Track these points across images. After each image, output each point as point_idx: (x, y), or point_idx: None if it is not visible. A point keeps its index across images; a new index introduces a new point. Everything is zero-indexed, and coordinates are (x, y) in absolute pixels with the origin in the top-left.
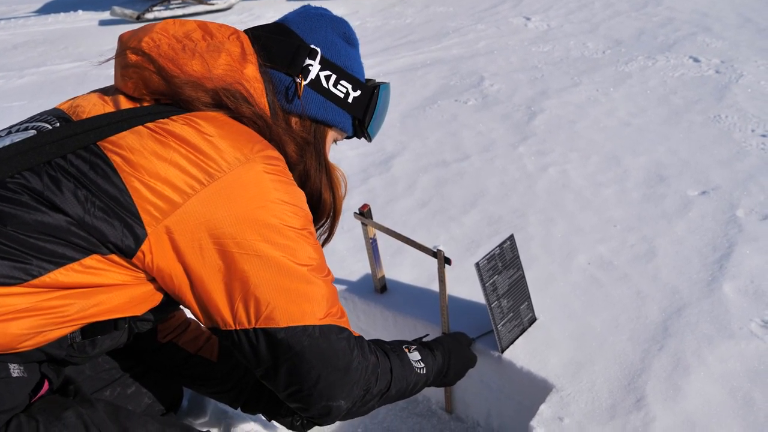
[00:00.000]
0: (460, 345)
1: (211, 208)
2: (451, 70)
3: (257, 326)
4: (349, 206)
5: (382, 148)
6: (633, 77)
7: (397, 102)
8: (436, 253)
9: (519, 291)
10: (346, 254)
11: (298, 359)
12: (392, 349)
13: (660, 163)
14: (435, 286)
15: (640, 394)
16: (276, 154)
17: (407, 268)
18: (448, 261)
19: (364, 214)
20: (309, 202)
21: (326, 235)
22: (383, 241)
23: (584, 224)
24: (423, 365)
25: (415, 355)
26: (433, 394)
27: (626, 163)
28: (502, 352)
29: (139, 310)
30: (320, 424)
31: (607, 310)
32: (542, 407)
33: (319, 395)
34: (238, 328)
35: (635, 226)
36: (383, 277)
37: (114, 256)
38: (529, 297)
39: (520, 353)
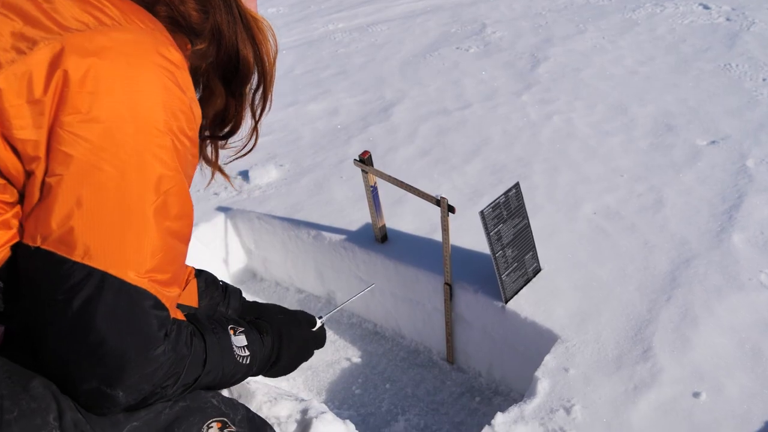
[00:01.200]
0: (297, 327)
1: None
2: (451, 17)
3: (42, 246)
4: (348, 155)
5: (381, 96)
6: (640, 24)
7: (396, 50)
8: (439, 201)
9: (524, 240)
10: (345, 203)
11: (81, 313)
12: (214, 331)
13: (668, 112)
14: (437, 236)
15: (647, 345)
16: (166, 50)
17: (408, 218)
18: (451, 209)
19: (364, 161)
20: (227, 64)
21: (261, 104)
22: (384, 190)
23: (590, 173)
24: (248, 353)
25: (240, 339)
26: (435, 344)
27: (633, 112)
28: (506, 302)
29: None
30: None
31: (613, 260)
32: (547, 358)
33: (92, 372)
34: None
35: (643, 176)
36: (384, 226)
37: None
38: (534, 247)
39: (525, 304)
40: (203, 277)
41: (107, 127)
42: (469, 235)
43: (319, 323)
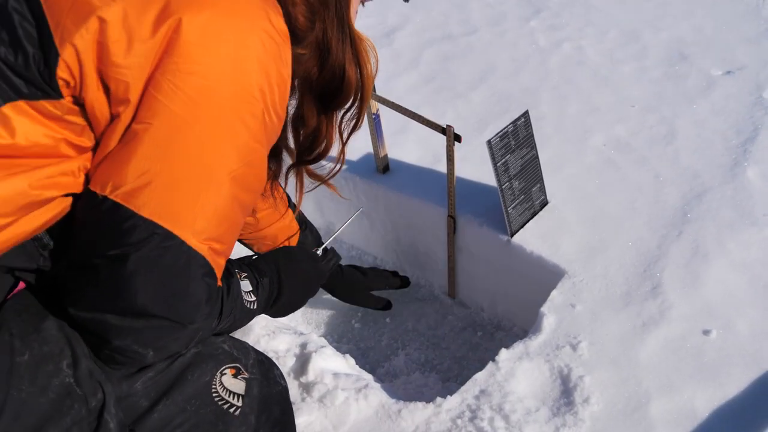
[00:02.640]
0: (296, 263)
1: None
2: None
3: (110, 196)
4: None
5: (383, 20)
6: None
7: None
8: (444, 129)
9: (531, 172)
10: None
11: (134, 272)
12: (229, 284)
13: (682, 40)
14: (441, 167)
15: (656, 282)
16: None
17: (411, 147)
18: (458, 138)
19: None
20: (330, 83)
21: (354, 121)
22: (386, 118)
23: (600, 103)
24: (254, 298)
25: (246, 285)
26: (436, 278)
27: (646, 40)
28: (512, 236)
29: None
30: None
31: (623, 193)
32: (553, 293)
33: (128, 332)
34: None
35: (654, 107)
36: (386, 156)
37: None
38: (542, 179)
39: (531, 237)
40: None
41: (208, 85)
42: (475, 166)
43: (320, 251)
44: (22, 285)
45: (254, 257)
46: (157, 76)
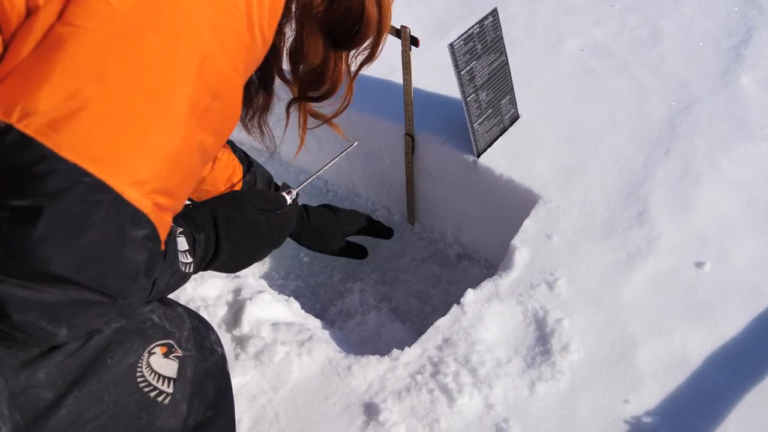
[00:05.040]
0: (241, 215)
1: None
2: None
3: (18, 125)
4: None
5: None
6: None
7: None
8: (398, 31)
9: (500, 82)
10: None
11: (46, 229)
12: (166, 244)
13: None
14: (396, 77)
15: (642, 207)
16: None
17: None
18: (414, 41)
19: None
20: (345, 19)
21: (367, 54)
22: None
23: (575, 3)
24: (190, 259)
25: (182, 242)
26: (394, 203)
27: None
28: (479, 156)
29: None
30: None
31: (602, 105)
32: (526, 222)
33: (33, 304)
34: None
35: (636, 6)
36: None
37: None
38: (512, 90)
39: (500, 158)
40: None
41: None
42: (435, 75)
43: (289, 200)
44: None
45: (190, 206)
46: None
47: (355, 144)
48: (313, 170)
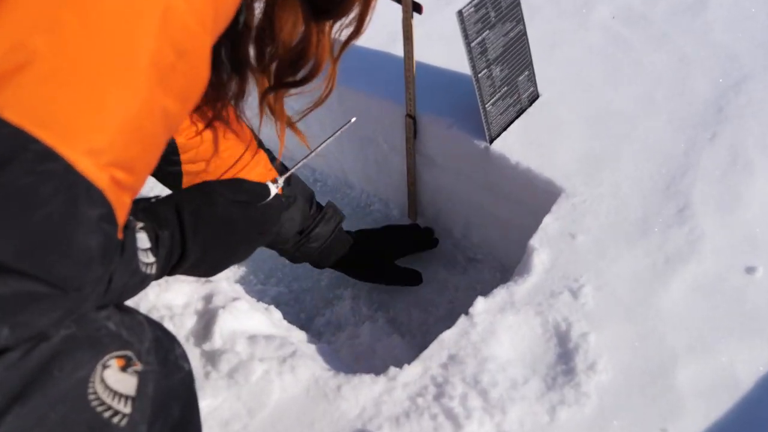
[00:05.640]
0: (210, 210)
1: None
2: None
3: None
4: None
5: None
6: None
7: None
8: None
9: (518, 55)
10: None
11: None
12: (123, 238)
13: None
14: (396, 49)
15: (683, 202)
16: None
17: None
18: (417, 7)
19: None
20: None
21: (353, 27)
22: None
23: None
24: (152, 259)
25: (142, 239)
26: (393, 196)
27: None
28: (491, 141)
29: None
30: None
31: (637, 82)
32: (546, 219)
33: None
34: None
35: None
36: None
37: None
38: (531, 64)
39: (516, 144)
40: None
41: None
42: (441, 47)
43: (273, 190)
44: None
45: (153, 199)
46: None
47: (352, 120)
48: (301, 155)
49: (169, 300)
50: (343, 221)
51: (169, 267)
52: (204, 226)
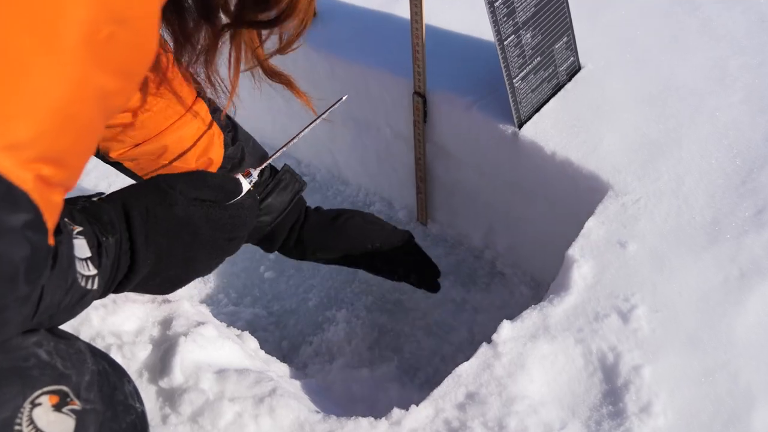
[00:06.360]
0: (166, 211)
1: None
2: None
3: None
4: None
5: None
6: None
7: None
8: None
9: (553, 17)
10: None
11: None
12: (56, 246)
13: None
14: (401, 10)
15: (763, 201)
16: None
17: None
18: None
19: None
20: None
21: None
22: None
23: None
24: (93, 271)
25: (81, 246)
26: (397, 194)
27: None
28: (521, 126)
29: None
30: None
31: (704, 49)
32: (589, 224)
33: None
34: None
35: None
36: None
37: None
38: (571, 28)
39: (551, 128)
40: None
41: None
42: (458, 8)
43: (245, 186)
44: None
45: (96, 197)
46: None
47: (343, 99)
48: (282, 140)
49: (118, 325)
50: (304, 190)
51: (116, 282)
52: (158, 230)
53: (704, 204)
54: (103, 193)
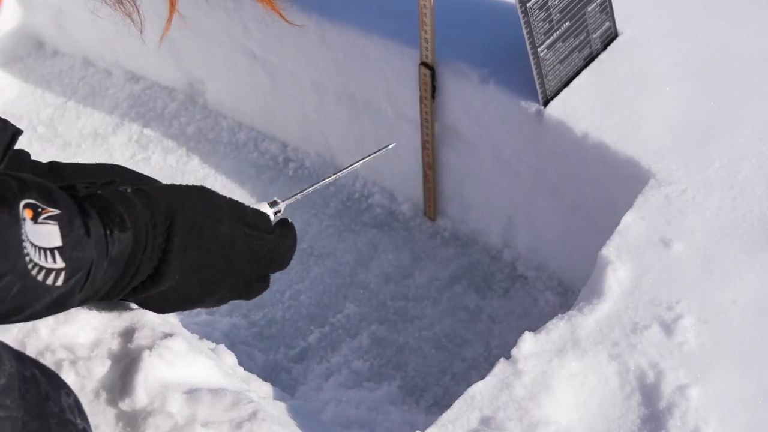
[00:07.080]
0: (214, 224)
1: None
2: None
3: None
4: None
5: None
6: None
7: None
8: None
9: None
10: None
11: None
12: None
13: None
14: None
15: None
16: None
17: None
18: None
19: None
20: None
21: None
22: None
23: None
24: (61, 264)
25: (44, 232)
26: (400, 182)
27: None
28: (546, 103)
29: None
30: None
31: (763, 13)
32: (627, 219)
33: None
34: None
35: None
36: None
37: None
38: None
39: (583, 106)
40: None
41: None
42: None
43: (270, 213)
44: None
45: (124, 190)
46: None
47: (390, 146)
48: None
49: (71, 337)
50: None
51: (129, 287)
52: (199, 245)
53: (763, 195)
54: (115, 180)
